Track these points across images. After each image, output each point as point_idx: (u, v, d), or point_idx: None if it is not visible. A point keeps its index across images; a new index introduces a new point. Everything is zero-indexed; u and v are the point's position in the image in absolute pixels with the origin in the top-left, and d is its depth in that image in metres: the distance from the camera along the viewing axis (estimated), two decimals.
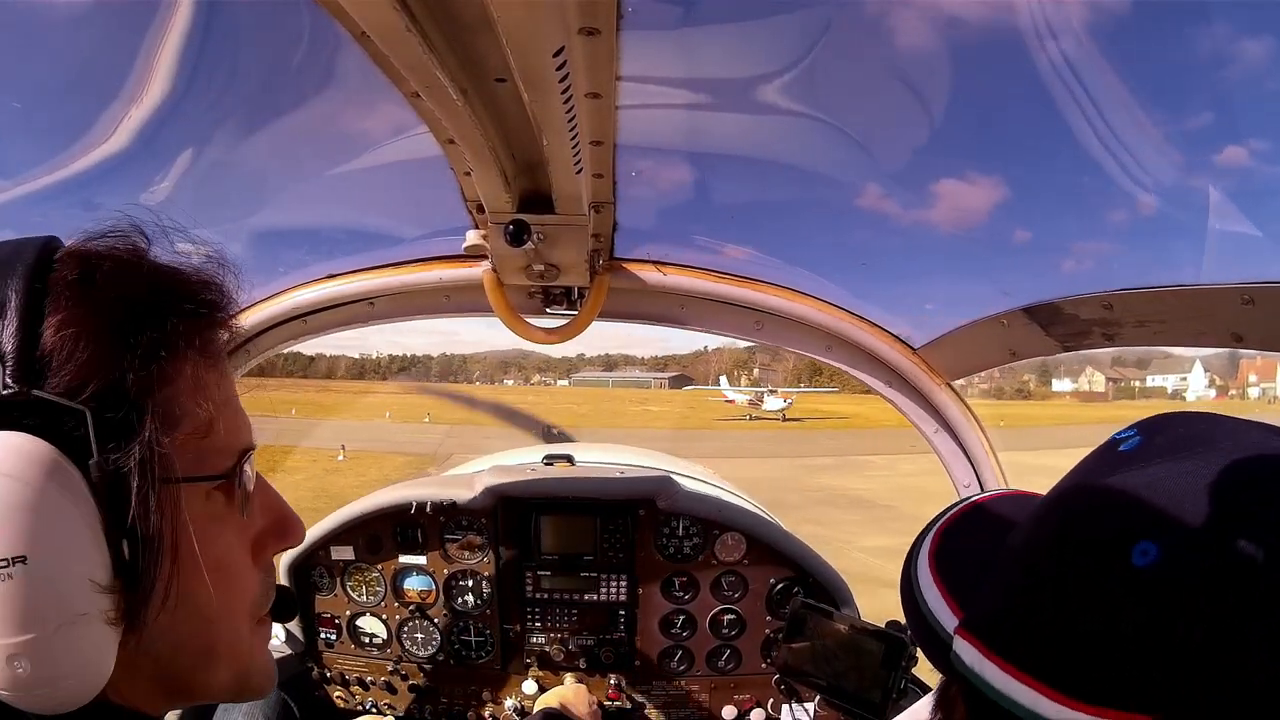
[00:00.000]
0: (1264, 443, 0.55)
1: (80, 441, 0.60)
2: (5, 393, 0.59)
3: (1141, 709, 0.51)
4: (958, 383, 1.97)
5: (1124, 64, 1.33)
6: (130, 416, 0.63)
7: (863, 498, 20.63)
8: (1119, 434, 0.63)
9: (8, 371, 0.60)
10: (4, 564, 0.57)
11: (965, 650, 0.61)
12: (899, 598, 0.73)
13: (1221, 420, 0.59)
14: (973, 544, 0.71)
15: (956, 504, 0.77)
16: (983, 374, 1.91)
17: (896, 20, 1.40)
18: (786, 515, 2.97)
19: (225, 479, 0.72)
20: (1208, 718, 0.49)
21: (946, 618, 0.65)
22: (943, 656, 0.64)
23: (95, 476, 0.61)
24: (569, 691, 2.08)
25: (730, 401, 67.25)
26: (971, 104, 1.55)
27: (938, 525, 0.74)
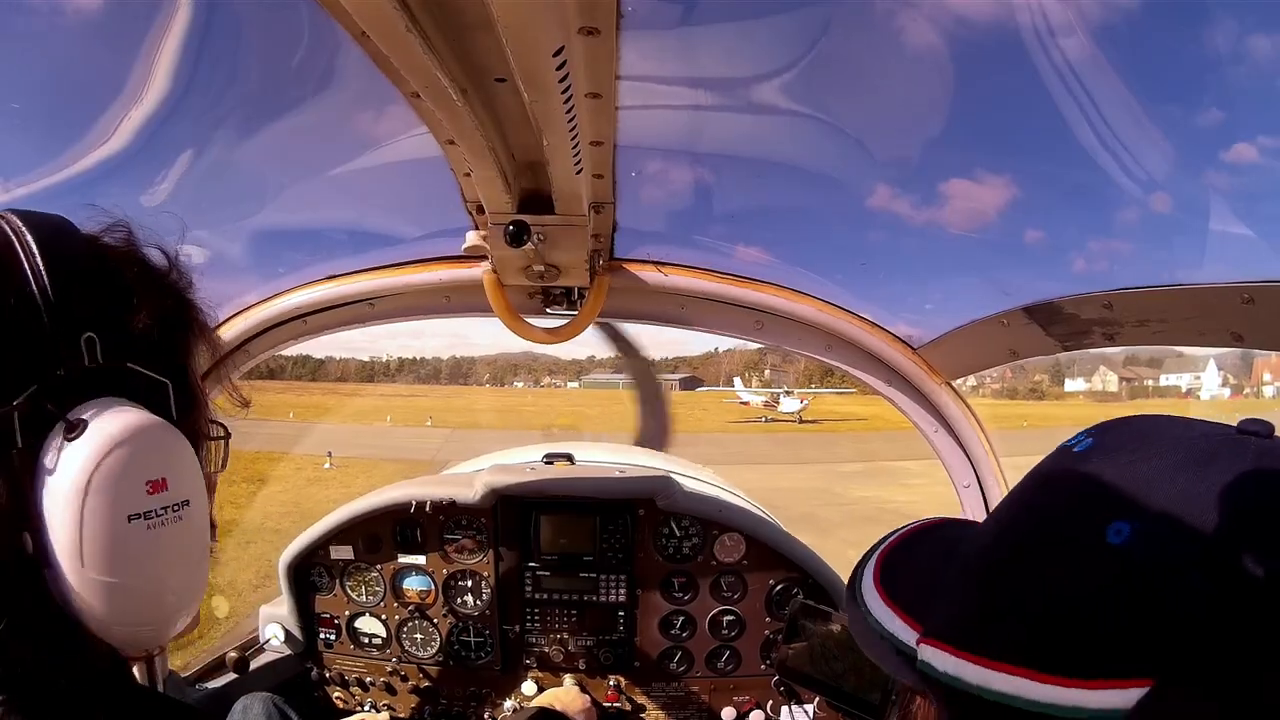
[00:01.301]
0: (1213, 431, 0.58)
1: (166, 410, 0.76)
2: (105, 365, 0.72)
3: (1135, 675, 0.51)
4: (967, 382, 1.96)
5: (1127, 63, 1.33)
6: (192, 390, 0.81)
7: (906, 512, 17.78)
8: (1068, 441, 0.65)
9: (103, 347, 0.73)
10: (176, 507, 0.70)
11: (935, 656, 0.62)
12: None
13: (1167, 419, 0.62)
14: (918, 564, 0.73)
15: (894, 533, 0.80)
16: (994, 374, 1.91)
17: (894, 21, 1.40)
18: (827, 537, 2.90)
19: (228, 439, 0.89)
20: (1205, 676, 0.50)
21: (905, 634, 0.67)
22: (908, 669, 0.66)
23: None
24: (565, 693, 2.08)
25: (745, 403, 66.64)
26: (971, 103, 1.55)
27: (878, 552, 0.78)
